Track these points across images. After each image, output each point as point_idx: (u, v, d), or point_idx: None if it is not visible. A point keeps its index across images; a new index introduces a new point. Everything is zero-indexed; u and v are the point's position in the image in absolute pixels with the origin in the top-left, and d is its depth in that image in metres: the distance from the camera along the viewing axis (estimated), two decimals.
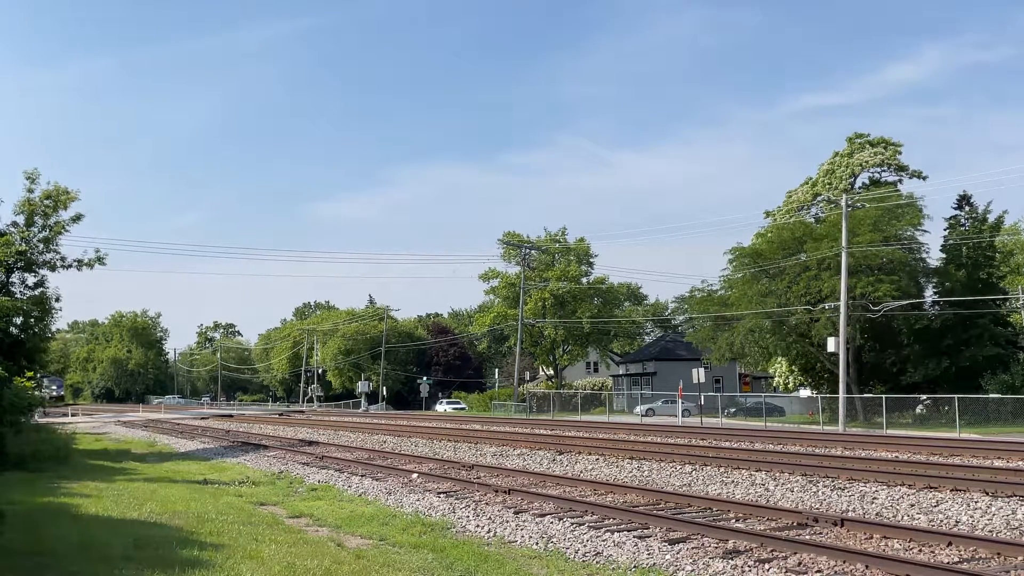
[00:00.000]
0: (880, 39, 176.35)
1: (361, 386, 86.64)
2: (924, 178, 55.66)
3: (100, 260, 29.22)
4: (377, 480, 17.74)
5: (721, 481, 16.41)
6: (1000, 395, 39.10)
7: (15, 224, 28.12)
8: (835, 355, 42.65)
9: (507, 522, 12.32)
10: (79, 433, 38.00)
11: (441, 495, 15.11)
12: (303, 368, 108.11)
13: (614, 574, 9.40)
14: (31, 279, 28.25)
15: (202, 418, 53.04)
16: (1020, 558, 9.38)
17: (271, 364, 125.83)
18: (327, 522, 12.79)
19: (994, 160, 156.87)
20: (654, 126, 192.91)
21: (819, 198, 55.18)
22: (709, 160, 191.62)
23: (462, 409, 74.56)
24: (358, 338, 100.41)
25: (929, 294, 49.90)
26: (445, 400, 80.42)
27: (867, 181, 55.57)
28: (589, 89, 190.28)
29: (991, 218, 49.89)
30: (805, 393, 51.13)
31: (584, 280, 78.41)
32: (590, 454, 21.69)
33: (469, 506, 13.86)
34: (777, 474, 16.65)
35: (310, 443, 28.05)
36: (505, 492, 14.91)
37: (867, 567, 8.99)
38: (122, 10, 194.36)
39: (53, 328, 33.02)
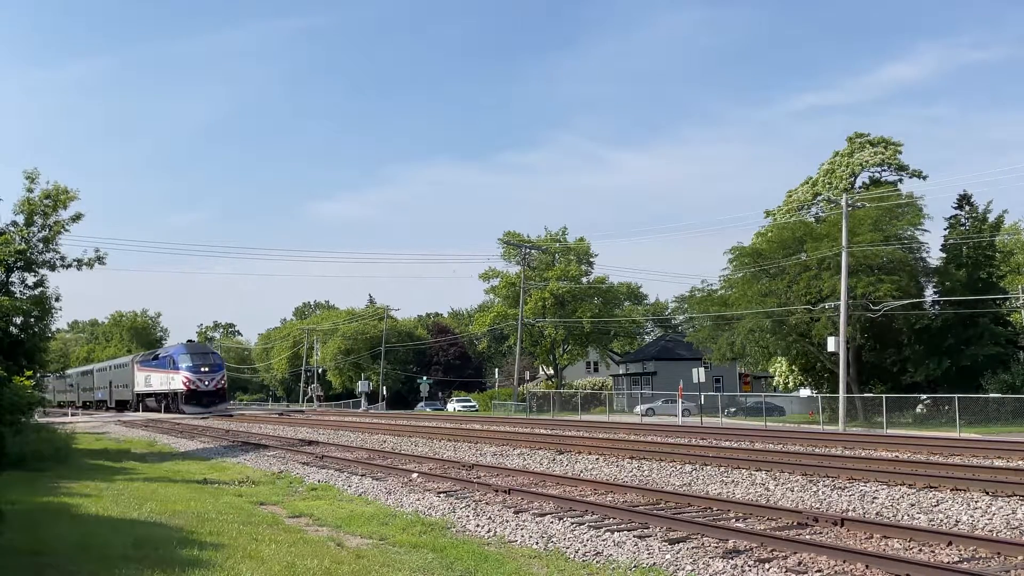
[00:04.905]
0: (878, 39, 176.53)
1: (361, 386, 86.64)
2: (924, 178, 55.74)
3: (100, 259, 29.24)
4: (377, 480, 17.73)
5: (721, 481, 16.40)
6: (1000, 395, 39.10)
7: (15, 223, 28.13)
8: (835, 355, 42.66)
9: (507, 522, 12.32)
10: (79, 433, 37.98)
11: (441, 495, 15.10)
12: (303, 368, 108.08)
13: (614, 574, 9.39)
14: (31, 279, 28.25)
15: (202, 417, 53.00)
16: (1020, 558, 9.37)
17: (271, 364, 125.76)
18: (327, 522, 12.78)
19: (992, 159, 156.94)
20: (653, 125, 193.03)
21: (819, 198, 55.17)
22: (709, 159, 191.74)
23: (473, 408, 74.10)
24: (358, 338, 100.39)
25: (929, 294, 49.93)
26: (456, 399, 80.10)
27: (867, 181, 55.59)
28: (588, 88, 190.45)
29: (991, 217, 49.92)
30: (805, 393, 51.13)
31: (584, 280, 78.42)
32: (590, 454, 21.67)
33: (469, 506, 13.85)
34: (777, 474, 16.64)
35: (310, 443, 28.04)
36: (505, 492, 14.90)
37: (867, 567, 8.99)
38: (122, 9, 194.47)
39: (53, 328, 32.99)
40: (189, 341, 65.74)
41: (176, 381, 57.96)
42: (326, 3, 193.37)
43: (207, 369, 57.95)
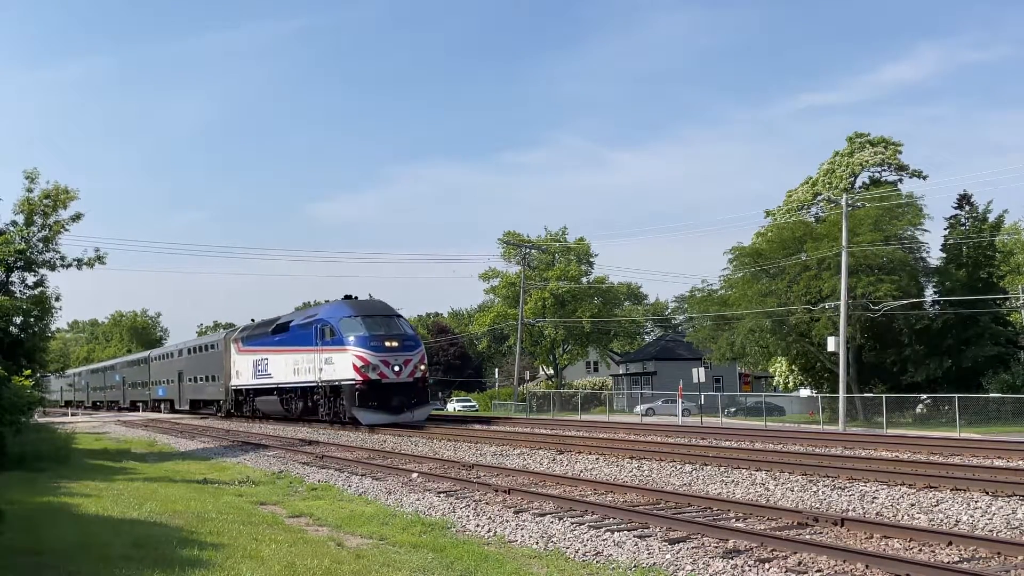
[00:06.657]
0: (878, 39, 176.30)
1: None
2: (924, 177, 55.79)
3: (100, 259, 29.25)
4: (377, 480, 17.73)
5: (721, 481, 16.39)
6: (1000, 395, 39.12)
7: (15, 223, 28.16)
8: (835, 355, 42.68)
9: (507, 521, 12.32)
10: (79, 433, 38.01)
11: (441, 495, 15.10)
12: None
13: (614, 574, 9.39)
14: (31, 278, 28.30)
15: (202, 417, 53.04)
16: (1020, 558, 9.37)
17: None
18: (327, 522, 12.78)
19: (992, 159, 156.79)
20: (653, 125, 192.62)
21: (819, 197, 55.21)
22: (709, 159, 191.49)
23: (473, 408, 73.91)
24: None
25: (929, 294, 50.02)
26: (455, 399, 79.88)
27: (867, 180, 55.63)
28: (588, 88, 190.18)
29: (991, 217, 49.97)
30: (805, 393, 51.19)
31: (584, 280, 78.45)
32: (590, 453, 21.66)
33: (469, 505, 13.85)
34: (777, 473, 16.63)
35: (310, 442, 28.03)
36: (505, 491, 14.90)
37: (867, 567, 8.99)
38: (122, 9, 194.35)
39: (53, 327, 33.08)
40: (347, 297, 35.48)
41: (341, 366, 31.95)
42: (326, 3, 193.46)
43: (396, 344, 31.83)
